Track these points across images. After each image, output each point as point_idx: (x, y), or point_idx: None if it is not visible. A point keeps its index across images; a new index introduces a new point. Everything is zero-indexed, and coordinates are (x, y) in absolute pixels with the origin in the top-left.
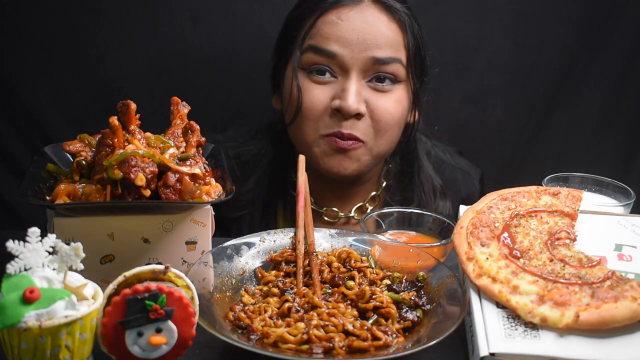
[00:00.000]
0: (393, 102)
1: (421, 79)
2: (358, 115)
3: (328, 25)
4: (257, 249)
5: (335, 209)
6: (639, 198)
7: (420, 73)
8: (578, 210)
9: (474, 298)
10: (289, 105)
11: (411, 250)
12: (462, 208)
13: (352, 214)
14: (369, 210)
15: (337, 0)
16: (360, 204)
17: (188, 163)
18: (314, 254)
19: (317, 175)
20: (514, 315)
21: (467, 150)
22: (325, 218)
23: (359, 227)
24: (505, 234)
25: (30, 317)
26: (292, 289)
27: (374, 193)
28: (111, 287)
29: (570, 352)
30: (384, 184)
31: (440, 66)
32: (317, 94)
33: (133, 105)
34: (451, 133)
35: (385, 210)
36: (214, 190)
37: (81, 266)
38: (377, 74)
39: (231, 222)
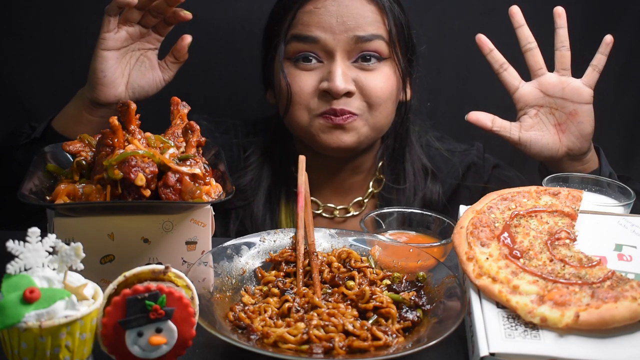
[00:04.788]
0: (382, 78)
1: (407, 57)
2: (348, 94)
3: (307, 15)
4: (257, 249)
5: (331, 205)
6: (639, 197)
7: (406, 51)
8: (578, 210)
9: (474, 298)
10: (280, 97)
11: (411, 250)
12: (462, 208)
13: (349, 208)
14: (365, 205)
15: None
16: (358, 198)
17: (188, 163)
18: (314, 254)
19: (315, 167)
20: (514, 315)
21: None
22: (324, 214)
23: (359, 226)
24: (505, 234)
25: (30, 317)
26: (292, 289)
27: (371, 190)
28: (111, 287)
29: (570, 352)
30: (381, 178)
31: (441, 66)
32: (305, 79)
33: (133, 105)
34: (451, 133)
35: (385, 210)
36: (214, 190)
37: (81, 266)
38: (361, 53)
39: (235, 211)
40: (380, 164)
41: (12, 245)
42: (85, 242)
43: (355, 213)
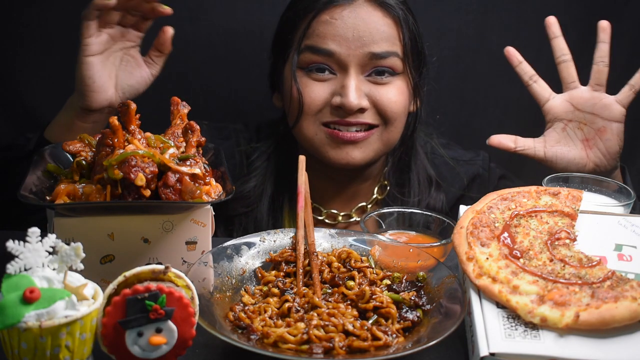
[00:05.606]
0: (395, 92)
1: (419, 70)
2: (361, 110)
3: (323, 25)
4: (257, 249)
5: (334, 211)
6: (639, 198)
7: (419, 64)
8: (578, 210)
9: (474, 298)
10: (290, 107)
11: (411, 250)
12: (462, 208)
13: (352, 214)
14: (369, 210)
15: (330, 0)
16: (362, 204)
17: (188, 163)
18: (314, 254)
19: (319, 174)
20: (514, 315)
21: (467, 150)
22: (326, 221)
23: (359, 227)
24: (505, 234)
25: (30, 317)
26: (292, 289)
27: (375, 196)
28: (111, 287)
29: (570, 352)
30: (385, 184)
31: (441, 66)
32: (317, 90)
33: (133, 106)
34: (451, 133)
35: (385, 210)
36: (214, 190)
37: (81, 266)
38: (375, 68)
39: (238, 218)
40: (385, 169)
41: (12, 245)
42: (85, 242)
43: (357, 219)
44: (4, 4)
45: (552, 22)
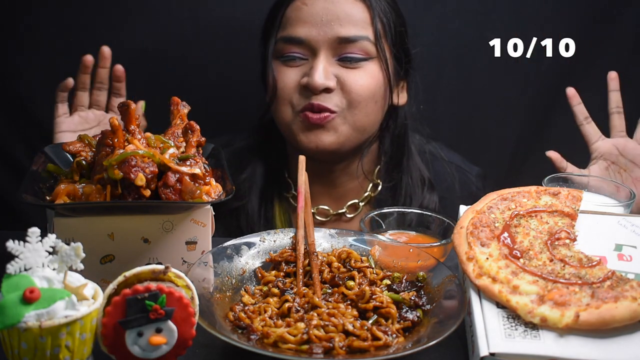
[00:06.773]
0: (364, 76)
1: (397, 57)
2: (327, 90)
3: (295, 12)
4: (257, 249)
5: (326, 207)
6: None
7: (396, 52)
8: (578, 210)
9: (474, 298)
10: (269, 91)
11: (411, 250)
12: (462, 208)
13: (344, 210)
14: (361, 208)
15: None
16: (354, 201)
17: (188, 163)
18: (314, 254)
19: (311, 172)
20: (514, 315)
21: (467, 150)
22: (317, 217)
23: (358, 226)
24: (505, 234)
25: (30, 317)
26: (292, 289)
27: (367, 193)
28: (111, 287)
29: (570, 352)
30: (378, 183)
31: (440, 66)
32: (289, 75)
33: (133, 106)
34: (451, 133)
35: (385, 210)
36: (214, 190)
37: (81, 266)
38: (345, 53)
39: (230, 213)
40: (377, 168)
41: (12, 245)
42: (85, 242)
43: (349, 215)
44: (4, 4)
45: (612, 77)
